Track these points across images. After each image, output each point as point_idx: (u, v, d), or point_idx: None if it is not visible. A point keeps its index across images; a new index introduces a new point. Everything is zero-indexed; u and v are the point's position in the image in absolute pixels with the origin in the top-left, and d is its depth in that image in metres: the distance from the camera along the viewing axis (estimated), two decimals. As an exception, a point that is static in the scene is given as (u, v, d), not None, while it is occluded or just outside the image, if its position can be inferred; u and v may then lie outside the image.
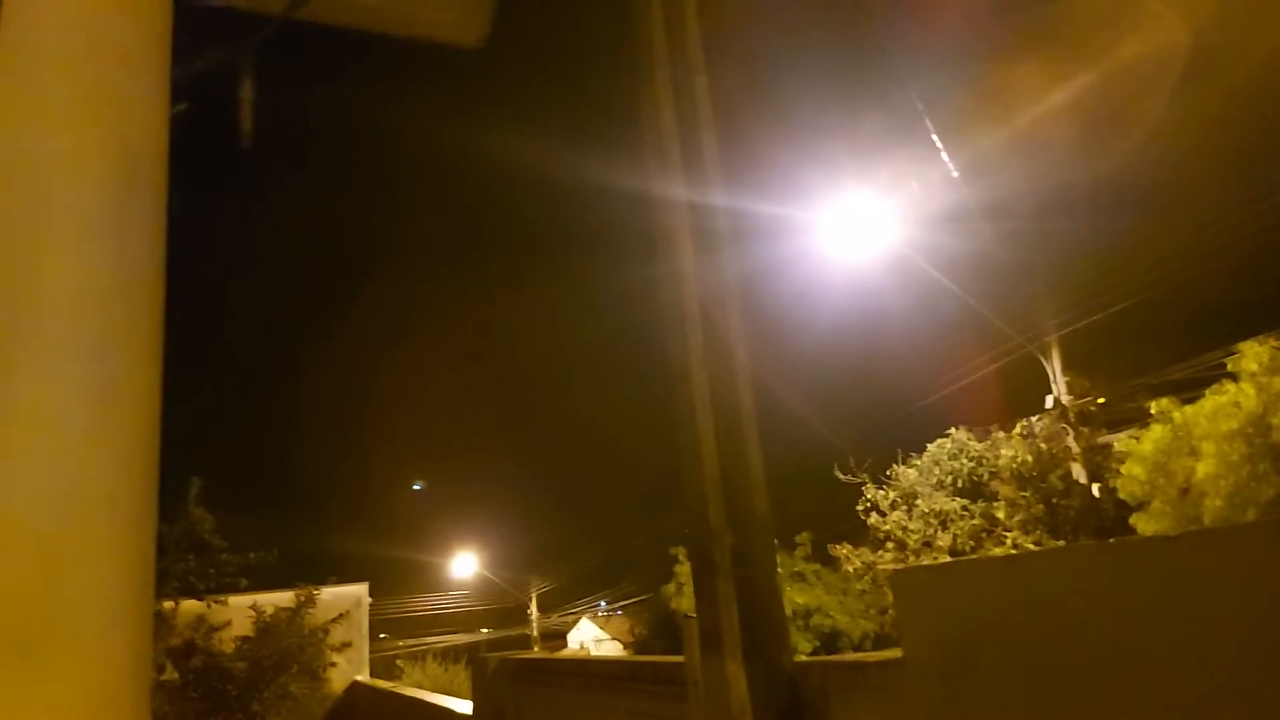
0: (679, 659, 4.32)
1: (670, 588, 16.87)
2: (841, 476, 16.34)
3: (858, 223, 13.50)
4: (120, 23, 0.97)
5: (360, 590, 16.03)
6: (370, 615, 17.37)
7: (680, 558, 16.78)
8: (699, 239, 3.42)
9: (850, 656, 3.15)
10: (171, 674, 9.97)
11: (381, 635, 31.44)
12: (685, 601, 16.11)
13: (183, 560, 10.87)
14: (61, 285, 0.86)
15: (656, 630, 17.28)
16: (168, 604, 10.53)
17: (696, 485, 3.20)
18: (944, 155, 10.85)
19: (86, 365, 0.86)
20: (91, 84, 0.93)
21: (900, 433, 17.03)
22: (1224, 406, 10.07)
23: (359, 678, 15.42)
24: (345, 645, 13.26)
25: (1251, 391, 9.79)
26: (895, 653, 2.89)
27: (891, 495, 15.59)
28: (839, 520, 16.63)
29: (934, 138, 10.42)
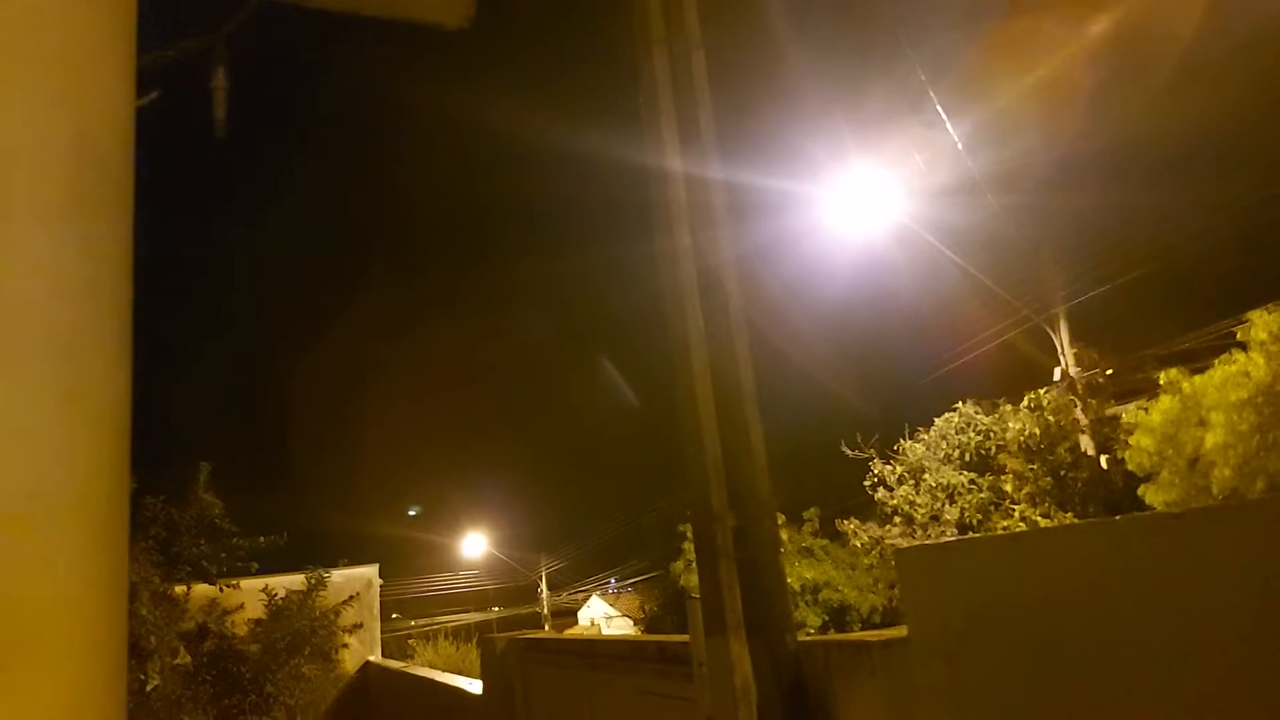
0: (684, 638, 4.34)
1: (679, 564, 16.97)
2: (849, 452, 16.36)
3: (863, 197, 13.42)
4: (82, 13, 0.94)
5: (370, 572, 16.14)
6: (382, 596, 17.49)
7: (688, 534, 16.85)
8: (697, 217, 3.38)
9: (854, 635, 3.14)
10: (185, 658, 10.06)
11: (394, 615, 31.75)
12: (693, 578, 16.14)
13: (195, 545, 10.94)
14: (26, 285, 0.84)
15: (667, 606, 17.42)
16: (180, 588, 10.61)
17: (698, 467, 3.18)
18: (949, 127, 10.73)
19: (53, 365, 0.83)
20: (51, 79, 0.90)
21: (907, 407, 17.00)
22: (1233, 376, 10.01)
23: (371, 658, 15.56)
24: (357, 626, 13.37)
25: (1261, 360, 9.73)
26: (900, 631, 2.88)
27: (899, 470, 15.61)
28: (847, 495, 16.68)
29: (939, 109, 10.30)
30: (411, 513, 39.39)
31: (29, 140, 0.88)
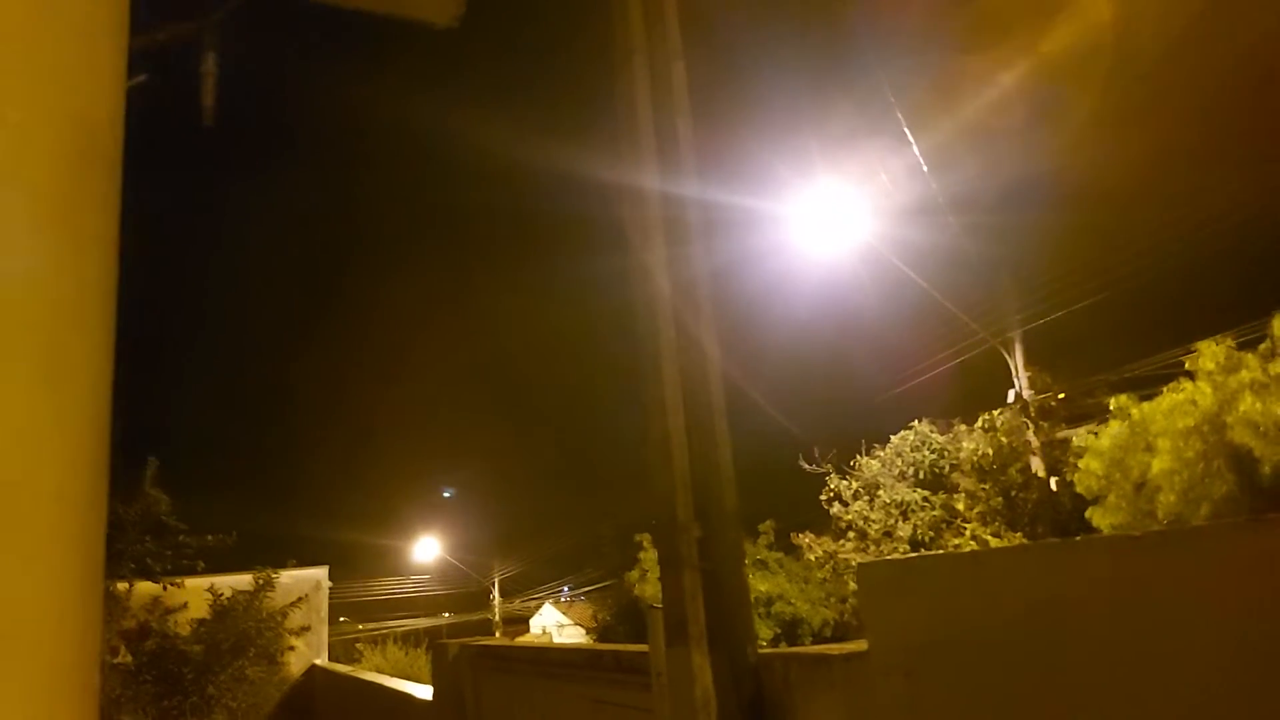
0: (641, 648, 4.31)
1: (634, 574, 16.92)
2: (806, 467, 16.48)
3: (828, 215, 13.55)
4: (75, -11, 0.91)
5: (320, 573, 15.87)
6: (330, 598, 17.21)
7: (645, 545, 16.82)
8: (672, 229, 3.39)
9: (814, 649, 3.15)
10: (125, 657, 9.78)
11: (341, 619, 31.27)
12: (649, 588, 16.17)
13: (139, 542, 10.66)
14: (8, 268, 0.81)
15: (620, 616, 17.33)
16: (121, 585, 10.33)
17: (665, 478, 3.18)
18: (914, 148, 10.90)
19: (34, 352, 0.81)
20: (42, 53, 0.87)
21: (865, 424, 17.18)
22: (1181, 404, 10.28)
23: (317, 661, 15.28)
24: (304, 629, 13.13)
25: (1208, 390, 9.99)
26: (860, 645, 2.89)
27: (854, 485, 15.75)
28: (802, 509, 16.79)
29: (905, 131, 10.46)
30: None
31: (16, 117, 0.85)
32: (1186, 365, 10.66)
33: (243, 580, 12.36)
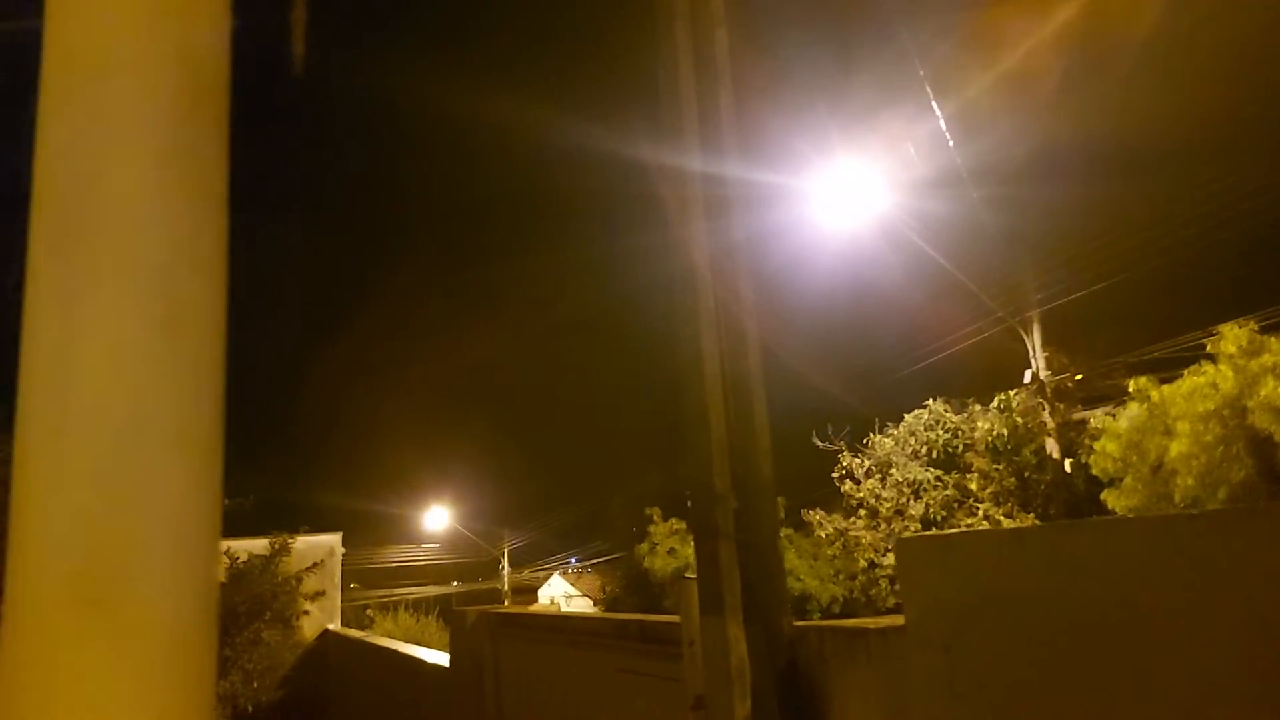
0: (667, 618, 4.33)
1: (644, 547, 17.00)
2: (819, 444, 16.45)
3: (848, 189, 13.43)
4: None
5: (334, 540, 16.00)
6: (342, 565, 17.36)
7: (654, 518, 16.90)
8: (711, 199, 3.35)
9: (850, 622, 3.15)
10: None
11: (352, 585, 31.55)
12: (658, 561, 16.24)
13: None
14: (125, 205, 0.79)
15: (629, 588, 17.44)
16: (139, 548, 10.43)
17: (701, 448, 3.17)
18: (942, 123, 10.77)
19: (152, 291, 0.79)
20: (154, -14, 0.85)
21: (879, 401, 17.15)
22: (1201, 387, 10.19)
23: (331, 626, 15.45)
24: (318, 594, 13.27)
25: (1229, 373, 9.91)
26: (896, 620, 2.89)
27: (867, 463, 15.72)
28: (813, 486, 16.79)
29: (934, 104, 10.33)
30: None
31: (128, 49, 0.82)
32: (1208, 348, 10.58)
33: (258, 545, 12.48)
